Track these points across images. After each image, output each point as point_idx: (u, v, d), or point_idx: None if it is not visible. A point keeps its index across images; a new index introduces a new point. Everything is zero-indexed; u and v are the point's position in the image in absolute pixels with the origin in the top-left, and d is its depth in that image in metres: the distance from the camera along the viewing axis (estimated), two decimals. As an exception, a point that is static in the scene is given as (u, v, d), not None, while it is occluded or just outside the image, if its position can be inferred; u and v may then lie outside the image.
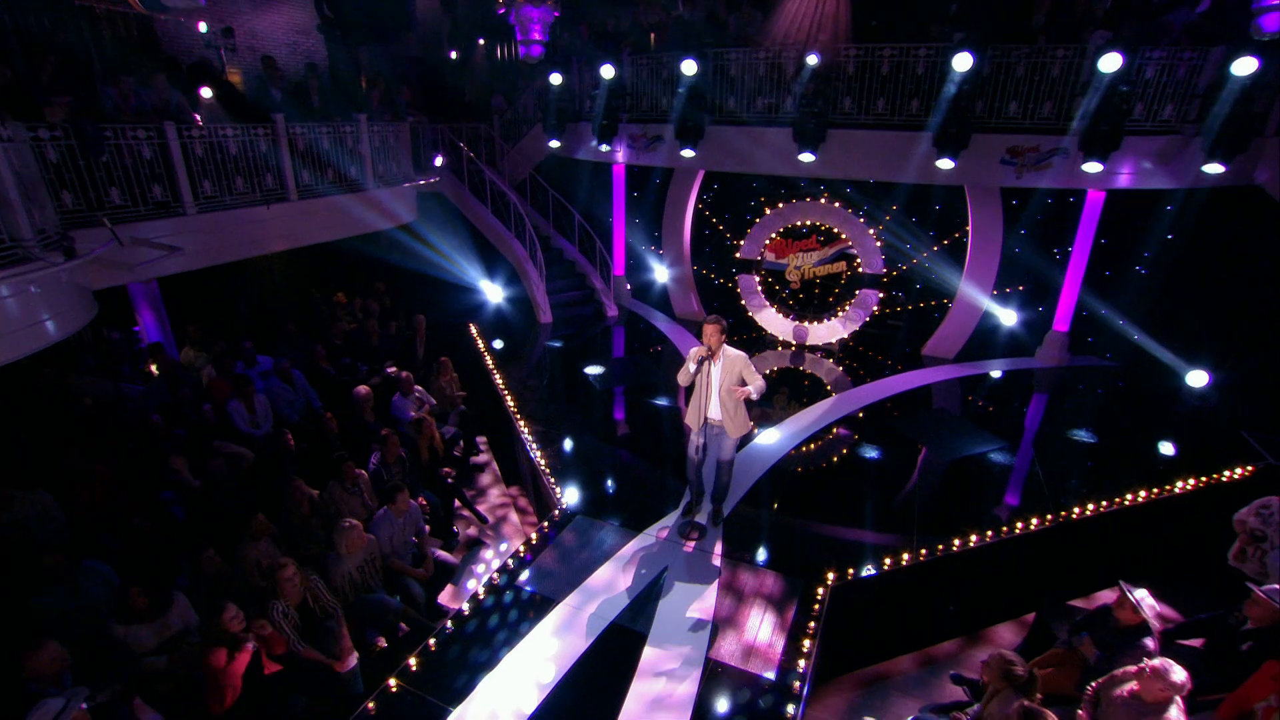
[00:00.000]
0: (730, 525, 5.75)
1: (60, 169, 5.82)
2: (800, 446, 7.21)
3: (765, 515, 6.00)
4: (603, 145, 9.63)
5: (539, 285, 11.18)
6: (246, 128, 7.25)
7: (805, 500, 6.29)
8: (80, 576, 4.62)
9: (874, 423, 7.89)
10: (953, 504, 6.25)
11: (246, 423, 6.67)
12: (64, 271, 4.88)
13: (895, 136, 7.96)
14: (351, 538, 4.83)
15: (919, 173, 7.99)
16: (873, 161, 8.24)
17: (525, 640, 4.49)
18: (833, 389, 8.96)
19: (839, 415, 7.99)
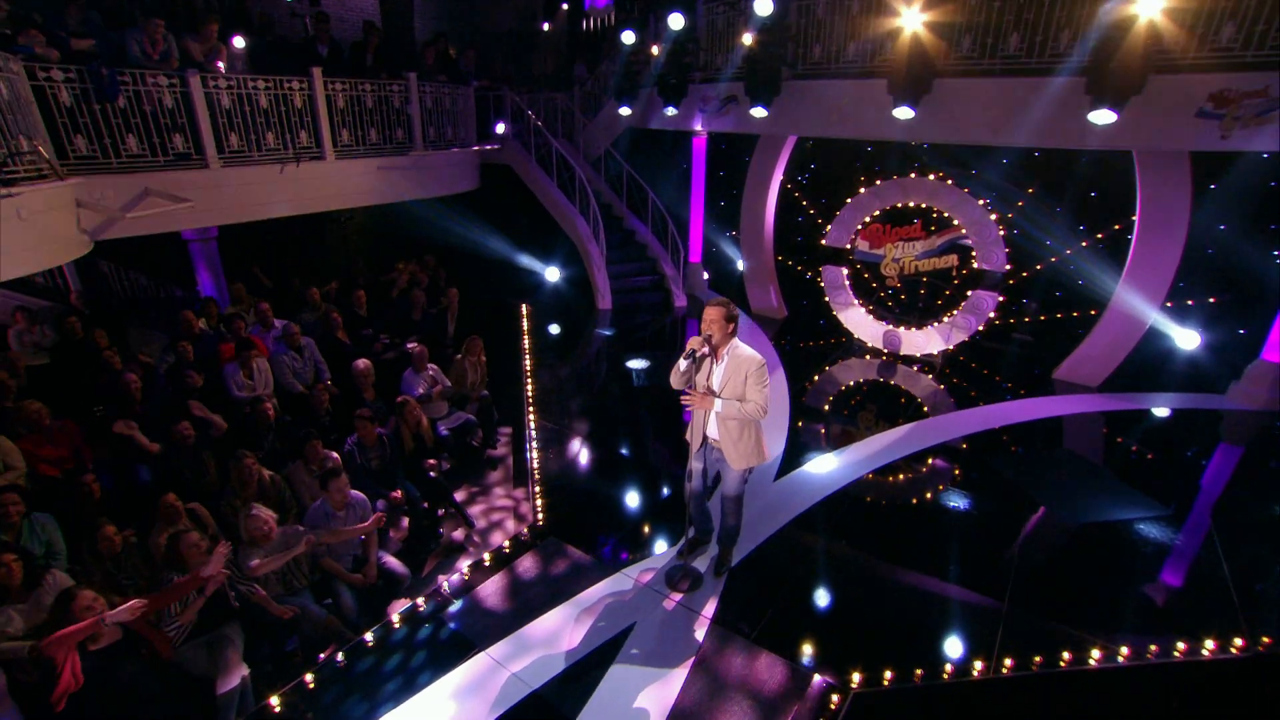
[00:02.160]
0: (737, 579, 4.41)
1: (74, 113, 5.69)
2: (864, 478, 5.63)
3: (790, 571, 4.56)
4: (668, 108, 8.42)
5: (600, 267, 10.23)
6: (279, 80, 6.90)
7: (852, 555, 4.75)
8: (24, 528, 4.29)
9: (974, 459, 6.07)
10: (1069, 592, 4.42)
11: (241, 389, 6.29)
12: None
13: (1029, 84, 5.98)
14: (252, 526, 4.12)
15: (1063, 133, 5.95)
16: (995, 118, 6.20)
17: (417, 696, 3.50)
18: (928, 410, 7.17)
19: (927, 444, 6.26)
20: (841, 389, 7.75)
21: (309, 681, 3.61)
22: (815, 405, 7.30)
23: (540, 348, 8.73)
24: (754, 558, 4.62)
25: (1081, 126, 5.73)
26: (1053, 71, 5.82)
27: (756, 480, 5.58)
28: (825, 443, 6.31)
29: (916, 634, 3.94)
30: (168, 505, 4.37)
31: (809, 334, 9.40)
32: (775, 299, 9.91)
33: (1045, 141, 6.18)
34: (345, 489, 4.61)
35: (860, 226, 8.46)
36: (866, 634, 3.95)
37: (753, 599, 4.22)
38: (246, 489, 4.97)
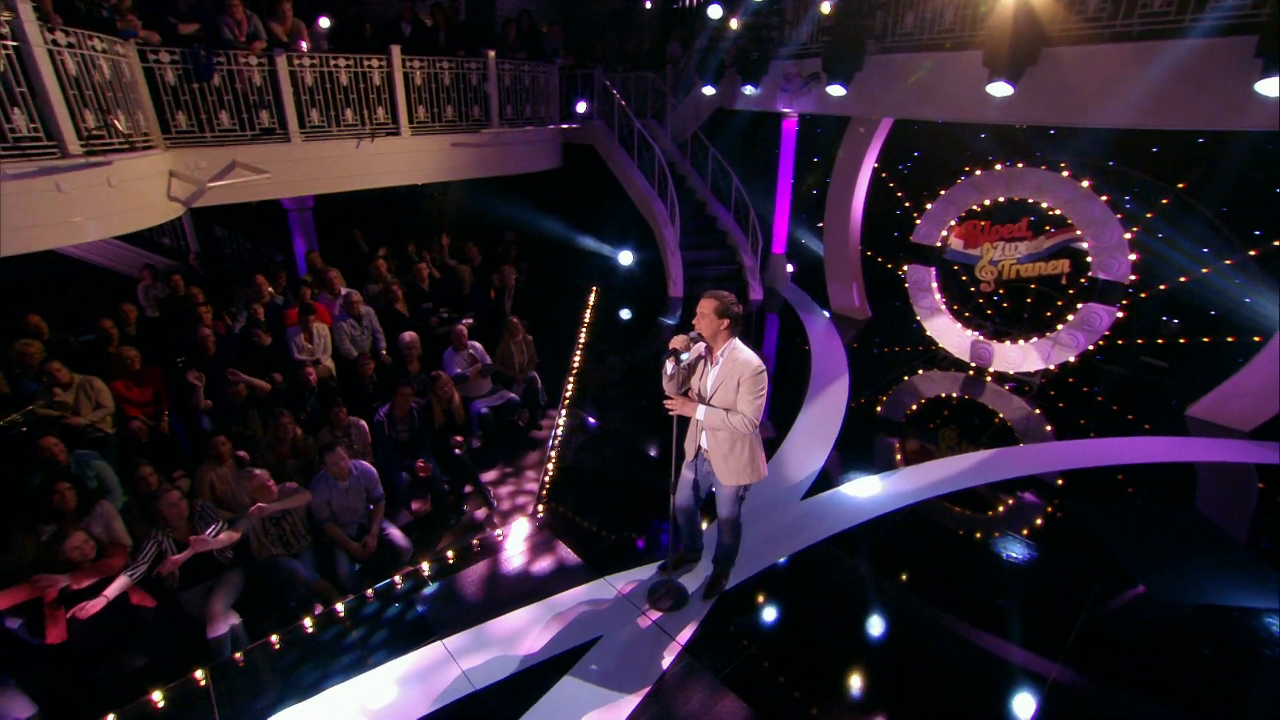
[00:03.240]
0: (726, 607, 4.00)
1: (176, 91, 6.22)
2: (913, 507, 4.94)
3: (792, 606, 4.08)
4: (747, 86, 7.85)
5: (674, 253, 9.87)
6: (359, 58, 7.17)
7: (871, 596, 4.15)
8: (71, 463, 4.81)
9: (1064, 501, 5.14)
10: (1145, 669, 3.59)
11: (301, 351, 6.68)
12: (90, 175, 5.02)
13: (1171, 49, 4.83)
14: (253, 485, 4.29)
15: (1216, 112, 4.77)
16: (1126, 94, 5.07)
17: (365, 675, 3.48)
18: (1020, 436, 6.22)
19: (1005, 476, 5.40)
20: (915, 404, 6.91)
21: (274, 643, 3.71)
22: (877, 418, 6.56)
23: (599, 333, 8.58)
24: (753, 584, 4.18)
25: (1245, 101, 4.56)
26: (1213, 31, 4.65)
27: (781, 497, 5.09)
28: (876, 462, 5.63)
29: (925, 701, 3.36)
30: (216, 445, 4.69)
31: (889, 339, 8.51)
32: (858, 298, 9.06)
33: (1194, 122, 5.00)
34: (342, 461, 4.69)
35: (954, 222, 7.44)
36: (861, 695, 3.42)
37: (737, 632, 3.81)
38: (280, 445, 5.25)
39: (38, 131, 4.67)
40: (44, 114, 4.68)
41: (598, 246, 11.07)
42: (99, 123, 5.16)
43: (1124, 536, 4.69)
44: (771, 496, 5.10)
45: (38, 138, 4.67)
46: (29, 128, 4.63)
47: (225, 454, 4.76)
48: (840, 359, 7.74)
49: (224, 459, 4.75)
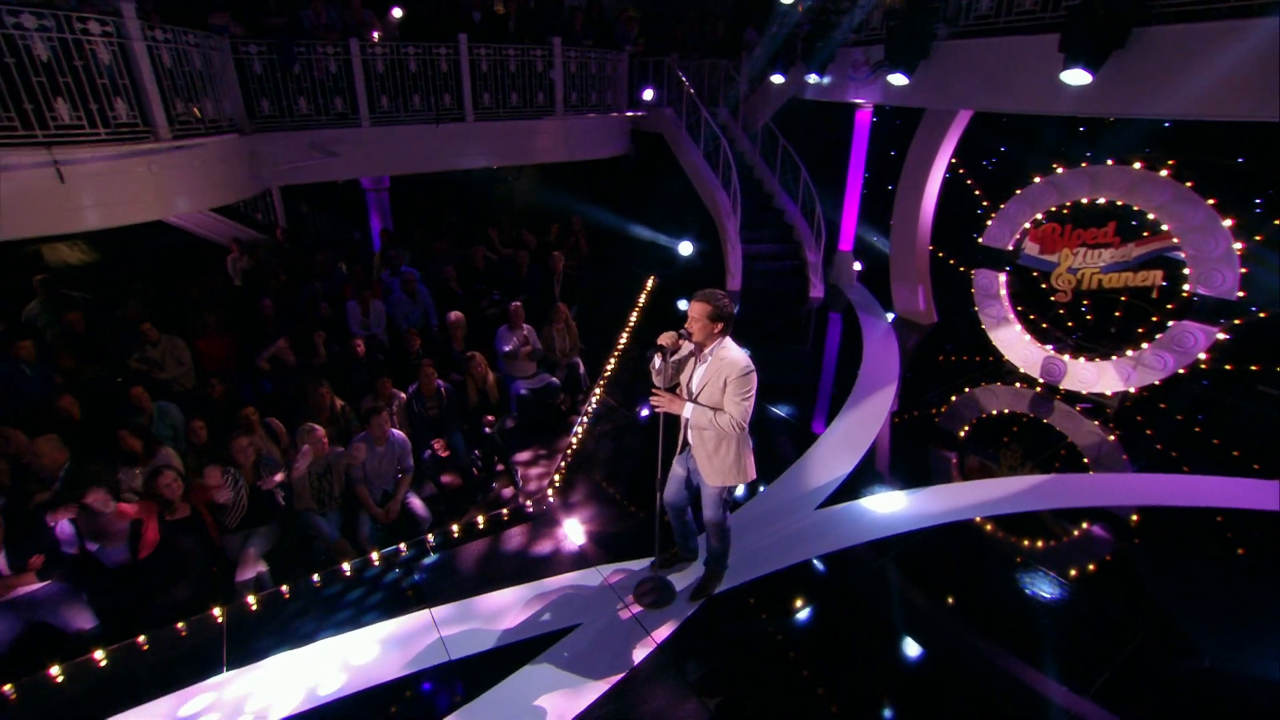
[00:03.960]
0: (712, 611, 3.93)
1: (264, 79, 6.76)
2: (940, 529, 4.62)
3: (781, 619, 3.95)
4: (811, 74, 7.51)
5: (734, 245, 9.67)
6: (428, 46, 7.49)
7: (868, 625, 3.94)
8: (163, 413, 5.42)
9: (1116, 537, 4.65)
10: None
11: (358, 325, 7.13)
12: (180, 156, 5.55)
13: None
14: (310, 440, 4.65)
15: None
16: (1238, 84, 4.43)
17: (354, 632, 3.72)
18: (1090, 462, 5.68)
19: (1059, 504, 4.95)
20: (966, 418, 6.44)
21: (284, 592, 4.03)
22: (919, 430, 6.18)
23: (648, 323, 8.58)
24: (745, 591, 4.08)
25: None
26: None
27: (796, 503, 4.92)
28: (907, 477, 5.31)
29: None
30: (244, 416, 5.13)
31: (952, 346, 7.95)
32: (923, 301, 8.52)
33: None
34: (384, 425, 4.98)
35: (1029, 225, 6.80)
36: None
37: (716, 638, 3.74)
38: (320, 413, 5.64)
39: (135, 118, 5.22)
40: (141, 103, 5.23)
41: (660, 235, 11.04)
42: (188, 109, 5.70)
43: (1191, 588, 4.17)
44: (786, 502, 4.95)
45: (135, 124, 5.22)
46: (128, 115, 5.18)
47: (255, 423, 5.17)
48: (893, 365, 7.33)
49: (254, 427, 5.15)
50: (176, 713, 3.26)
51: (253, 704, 3.28)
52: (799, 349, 8.16)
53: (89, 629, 3.97)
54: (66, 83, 4.71)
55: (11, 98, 4.51)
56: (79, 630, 3.94)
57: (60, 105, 4.71)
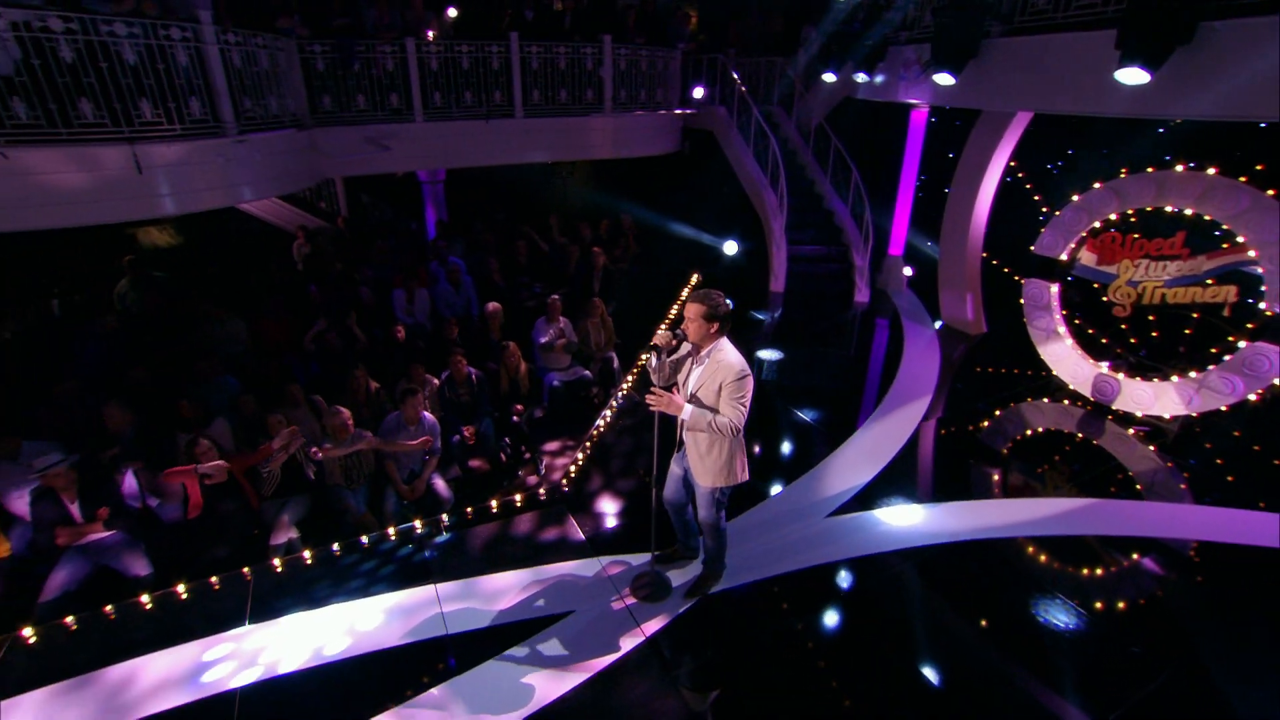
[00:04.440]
0: (704, 611, 3.98)
1: (326, 76, 7.20)
2: (953, 546, 4.48)
3: (771, 625, 3.95)
4: (859, 74, 7.31)
5: (779, 246, 9.57)
6: (480, 44, 7.75)
7: (861, 637, 3.87)
8: (215, 385, 5.93)
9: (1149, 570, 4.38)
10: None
11: (403, 311, 7.49)
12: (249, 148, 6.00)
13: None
14: (334, 424, 4.97)
15: None
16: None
17: (363, 600, 3.98)
18: (1143, 487, 5.35)
19: (1097, 530, 4.69)
20: (1002, 433, 6.17)
21: (306, 558, 4.34)
22: (948, 444, 5.97)
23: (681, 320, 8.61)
24: (741, 593, 4.10)
25: None
26: None
27: (806, 509, 4.88)
28: (928, 491, 5.16)
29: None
30: (289, 392, 5.52)
31: (998, 358, 7.60)
32: (971, 309, 8.17)
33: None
34: (417, 407, 5.26)
35: (1086, 233, 6.40)
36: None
37: (704, 636, 3.79)
38: (356, 395, 5.99)
39: (207, 115, 5.69)
40: (212, 100, 5.69)
41: (707, 234, 11.01)
42: (255, 105, 6.15)
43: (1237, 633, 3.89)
44: (797, 507, 4.92)
45: (206, 119, 5.69)
46: (201, 112, 5.65)
47: (299, 399, 5.54)
48: (931, 375, 7.09)
49: (298, 403, 5.53)
50: (201, 657, 3.60)
51: (266, 657, 3.59)
52: (836, 353, 8.01)
53: (144, 575, 4.40)
54: (149, 84, 5.18)
55: (104, 98, 5.01)
56: (136, 576, 4.38)
57: (144, 104, 5.19)
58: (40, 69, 4.72)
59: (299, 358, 6.72)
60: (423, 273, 7.76)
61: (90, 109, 4.95)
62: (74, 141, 4.91)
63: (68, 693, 3.44)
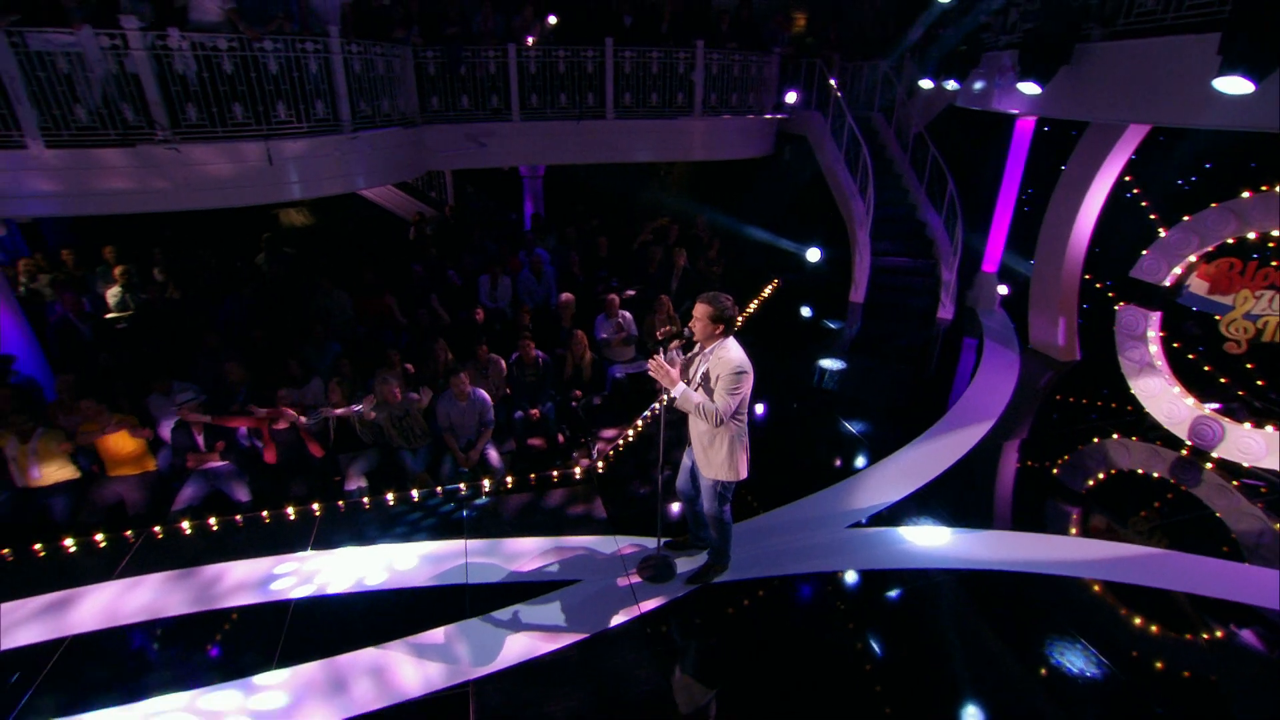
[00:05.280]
0: (702, 599, 4.18)
1: (436, 80, 7.99)
2: (972, 574, 4.35)
3: (762, 624, 4.07)
4: (948, 80, 7.01)
5: (863, 256, 9.36)
6: (576, 49, 8.24)
7: (851, 652, 3.87)
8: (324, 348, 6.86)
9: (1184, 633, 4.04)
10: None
11: (487, 296, 8.17)
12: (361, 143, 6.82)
13: None
14: (384, 390, 5.63)
15: None
16: None
17: (404, 544, 4.56)
18: (1243, 546, 4.85)
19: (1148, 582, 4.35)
20: (1068, 468, 5.76)
21: (365, 504, 5.01)
22: (1000, 470, 5.69)
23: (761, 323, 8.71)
24: (742, 587, 4.25)
25: None
26: None
27: (830, 518, 4.92)
28: (965, 516, 4.98)
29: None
30: (389, 356, 6.27)
31: (1086, 389, 7.04)
32: (1063, 334, 7.58)
33: None
34: (463, 385, 5.82)
35: (1199, 258, 5.79)
36: (773, 715, 3.40)
37: (695, 622, 3.99)
38: (435, 366, 6.68)
39: (328, 114, 6.57)
40: (334, 102, 6.56)
41: (794, 239, 10.94)
42: (369, 105, 6.99)
43: None
44: (818, 515, 4.96)
45: (328, 119, 6.57)
46: (324, 112, 6.53)
47: (396, 363, 6.28)
48: (1000, 400, 6.72)
49: (394, 365, 6.27)
50: (271, 571, 4.32)
51: (319, 578, 4.24)
52: (904, 369, 7.77)
53: (244, 501, 5.28)
54: (285, 88, 6.09)
55: (250, 101, 5.97)
56: (238, 500, 5.26)
57: (280, 106, 6.12)
58: (208, 79, 5.73)
59: (394, 330, 7.58)
60: (510, 262, 8.40)
61: (240, 111, 5.91)
62: (226, 138, 5.90)
63: (176, 580, 4.28)
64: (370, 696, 3.42)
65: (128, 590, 4.21)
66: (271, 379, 6.09)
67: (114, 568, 4.41)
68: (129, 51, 5.43)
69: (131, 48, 5.42)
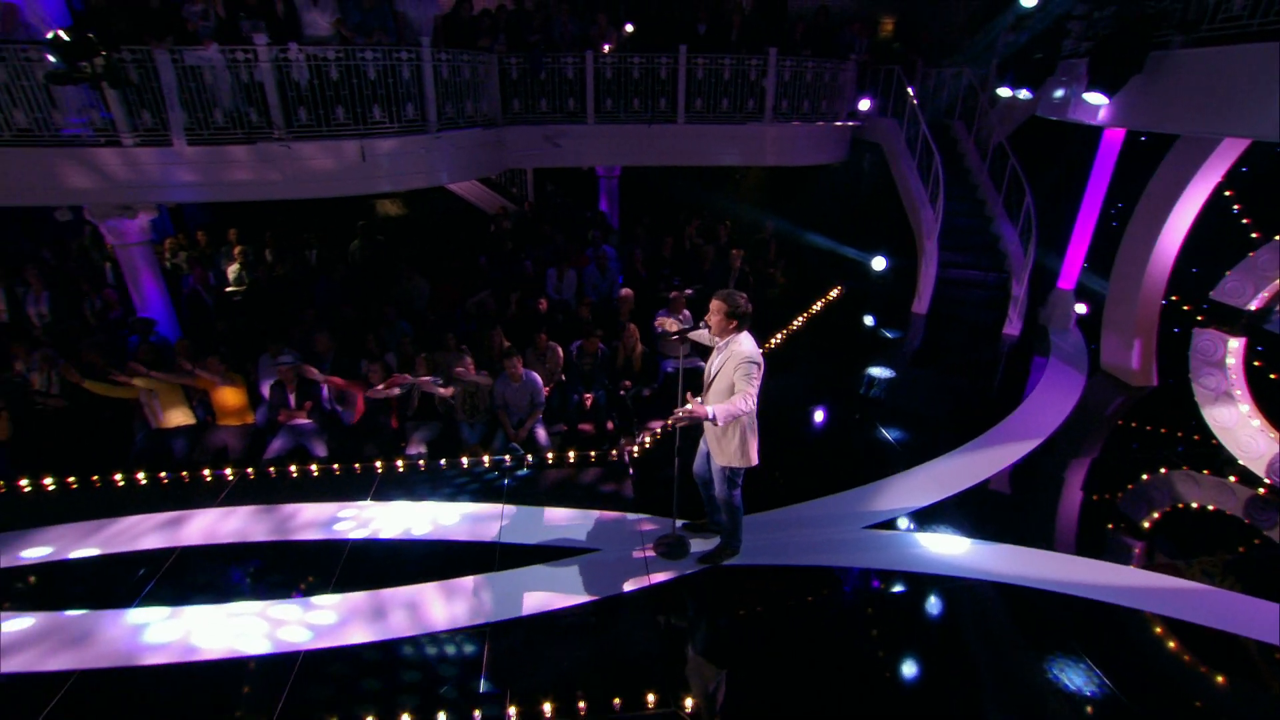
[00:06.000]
0: (713, 577, 4.44)
1: (518, 84, 8.60)
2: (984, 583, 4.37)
3: (763, 609, 4.28)
4: (1020, 90, 6.81)
5: (929, 268, 9.20)
6: (650, 56, 8.61)
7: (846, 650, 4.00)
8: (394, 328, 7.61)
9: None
10: None
11: (553, 288, 8.69)
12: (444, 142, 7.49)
13: None
14: (456, 366, 6.21)
15: None
16: None
17: (448, 504, 5.10)
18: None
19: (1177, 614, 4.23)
20: (1119, 494, 5.53)
21: (421, 466, 5.60)
22: (1038, 490, 5.55)
23: (816, 328, 8.78)
24: (751, 573, 4.48)
25: None
26: None
27: (849, 516, 5.04)
28: (986, 527, 4.94)
29: None
30: (448, 339, 6.90)
31: (1153, 414, 6.66)
32: (1138, 357, 7.17)
33: None
34: (517, 367, 6.31)
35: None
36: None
37: (700, 599, 4.26)
38: (492, 349, 7.24)
39: (417, 116, 7.28)
40: (422, 105, 7.26)
41: (860, 247, 10.83)
42: (454, 108, 7.66)
43: None
44: (838, 513, 5.09)
45: (416, 120, 7.28)
46: (413, 113, 7.25)
47: (452, 345, 6.89)
48: (1054, 420, 6.49)
49: (450, 348, 6.88)
50: (336, 514, 4.99)
51: (373, 525, 4.86)
52: (955, 381, 7.61)
53: (321, 456, 6.02)
54: (380, 93, 6.84)
55: (350, 104, 6.75)
56: (317, 455, 6.01)
57: (375, 108, 6.87)
58: (317, 85, 6.55)
59: (462, 315, 8.24)
60: (577, 257, 8.91)
61: (342, 112, 6.70)
62: (329, 136, 6.70)
63: (260, 513, 5.04)
64: (404, 625, 3.95)
65: (224, 517, 4.99)
66: (353, 352, 6.86)
67: (215, 498, 5.22)
68: (258, 63, 6.31)
69: (260, 60, 6.30)
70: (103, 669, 3.67)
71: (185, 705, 3.49)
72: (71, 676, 3.62)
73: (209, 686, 3.58)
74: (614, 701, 3.48)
